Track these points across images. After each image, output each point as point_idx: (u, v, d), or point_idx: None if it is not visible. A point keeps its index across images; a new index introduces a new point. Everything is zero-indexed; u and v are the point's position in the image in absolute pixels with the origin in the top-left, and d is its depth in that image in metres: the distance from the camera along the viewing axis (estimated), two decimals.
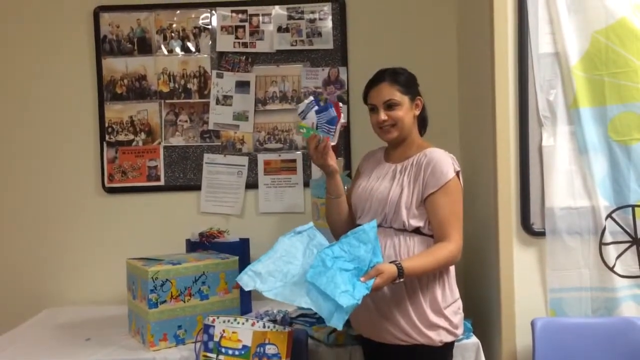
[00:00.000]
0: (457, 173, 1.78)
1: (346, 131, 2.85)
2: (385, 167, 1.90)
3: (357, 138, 2.85)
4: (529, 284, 2.10)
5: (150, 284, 2.11)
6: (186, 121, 2.88)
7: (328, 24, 2.85)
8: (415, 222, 1.77)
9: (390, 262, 1.67)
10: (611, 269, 2.05)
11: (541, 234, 2.09)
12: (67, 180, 2.86)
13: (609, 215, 2.05)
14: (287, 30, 2.85)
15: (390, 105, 1.85)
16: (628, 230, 2.05)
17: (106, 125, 2.86)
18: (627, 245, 2.05)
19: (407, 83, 1.89)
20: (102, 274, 2.80)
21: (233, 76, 2.87)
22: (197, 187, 2.87)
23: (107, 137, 2.86)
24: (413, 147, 1.84)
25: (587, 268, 2.07)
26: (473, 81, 2.48)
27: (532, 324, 1.99)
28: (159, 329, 2.12)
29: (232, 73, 2.87)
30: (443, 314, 1.76)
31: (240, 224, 2.87)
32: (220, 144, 2.88)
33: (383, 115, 1.86)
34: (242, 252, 2.55)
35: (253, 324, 1.98)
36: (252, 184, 2.88)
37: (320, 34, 2.85)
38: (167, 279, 2.14)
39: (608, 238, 2.05)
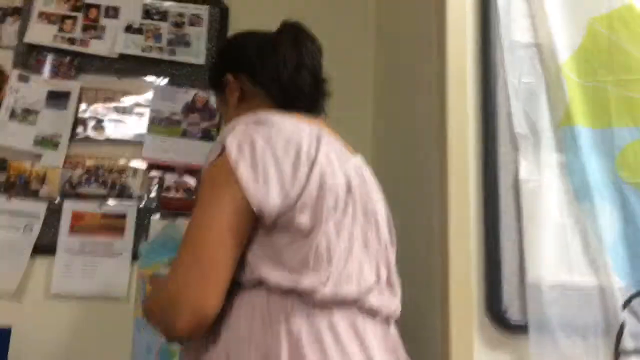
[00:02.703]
0: (224, 147, 0.94)
1: None
2: None
3: None
4: None
5: None
6: None
7: (202, 32, 2.03)
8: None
9: None
10: None
11: (520, 330, 1.21)
12: None
13: (627, 303, 1.23)
14: (140, 31, 2.00)
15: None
16: None
17: None
18: None
19: (211, 78, 1.29)
20: None
21: (45, 83, 1.91)
22: None
23: None
24: None
25: None
26: (403, 82, 1.69)
27: None
28: None
29: (44, 78, 1.91)
30: None
31: (14, 310, 1.73)
32: (4, 179, 1.82)
33: None
34: None
35: None
36: (46, 247, 1.80)
37: (188, 44, 2.02)
38: None
39: (629, 344, 1.21)
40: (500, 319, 1.21)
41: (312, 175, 0.91)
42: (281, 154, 0.91)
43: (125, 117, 1.93)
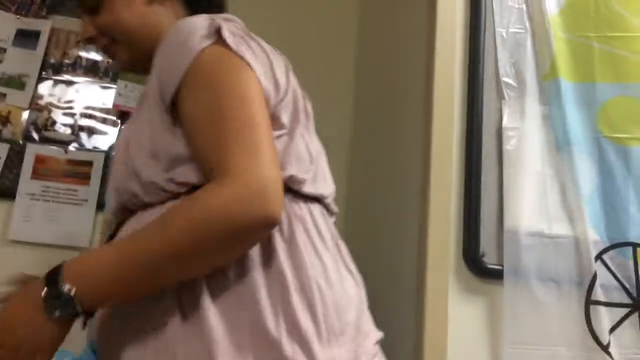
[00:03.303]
0: (218, 31, 0.80)
1: None
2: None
3: None
4: None
5: None
6: None
7: None
8: (172, 176, 0.80)
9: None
10: (605, 350, 1.19)
11: (496, 275, 1.20)
12: None
13: (600, 256, 1.23)
14: None
15: (91, 8, 0.96)
16: (626, 286, 1.23)
17: None
18: (625, 311, 1.22)
19: None
20: None
21: (14, 21, 1.83)
22: None
23: None
24: None
25: (566, 345, 1.19)
26: (389, 25, 1.65)
27: None
28: None
29: (13, 16, 1.83)
30: None
31: None
32: None
33: (86, 27, 0.97)
34: None
35: None
36: (6, 192, 1.72)
37: None
38: None
39: (599, 294, 1.21)
40: (477, 263, 1.20)
41: (289, 78, 0.87)
42: (265, 49, 0.85)
43: (96, 62, 1.86)
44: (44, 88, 1.80)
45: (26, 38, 1.82)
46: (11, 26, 1.82)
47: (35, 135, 1.77)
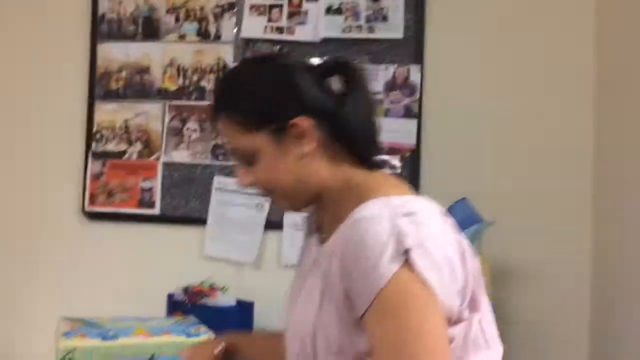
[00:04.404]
0: (407, 253, 0.79)
1: (414, 158, 1.96)
2: (312, 249, 1.00)
3: (430, 171, 1.95)
4: None
5: None
6: (195, 130, 2.12)
7: (399, 3, 2.01)
8: None
9: None
10: None
11: None
12: (38, 198, 2.18)
13: None
14: (339, 11, 2.04)
15: (244, 157, 0.94)
16: None
17: (94, 129, 2.17)
18: None
19: (244, 104, 0.93)
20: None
21: None
22: (203, 221, 2.10)
23: (93, 146, 2.16)
24: (341, 203, 0.91)
25: None
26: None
27: None
28: None
29: None
30: None
31: (256, 278, 2.06)
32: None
33: (243, 177, 0.97)
34: (239, 321, 1.74)
35: None
36: (275, 223, 2.05)
37: (385, 18, 2.02)
38: None
39: None
40: None
41: (465, 262, 0.85)
42: (448, 250, 0.83)
43: None
44: None
45: None
46: None
47: None
